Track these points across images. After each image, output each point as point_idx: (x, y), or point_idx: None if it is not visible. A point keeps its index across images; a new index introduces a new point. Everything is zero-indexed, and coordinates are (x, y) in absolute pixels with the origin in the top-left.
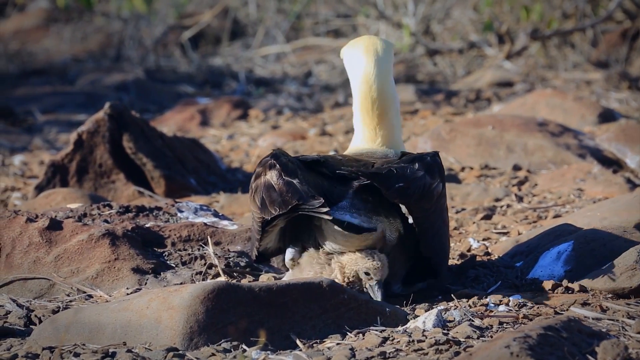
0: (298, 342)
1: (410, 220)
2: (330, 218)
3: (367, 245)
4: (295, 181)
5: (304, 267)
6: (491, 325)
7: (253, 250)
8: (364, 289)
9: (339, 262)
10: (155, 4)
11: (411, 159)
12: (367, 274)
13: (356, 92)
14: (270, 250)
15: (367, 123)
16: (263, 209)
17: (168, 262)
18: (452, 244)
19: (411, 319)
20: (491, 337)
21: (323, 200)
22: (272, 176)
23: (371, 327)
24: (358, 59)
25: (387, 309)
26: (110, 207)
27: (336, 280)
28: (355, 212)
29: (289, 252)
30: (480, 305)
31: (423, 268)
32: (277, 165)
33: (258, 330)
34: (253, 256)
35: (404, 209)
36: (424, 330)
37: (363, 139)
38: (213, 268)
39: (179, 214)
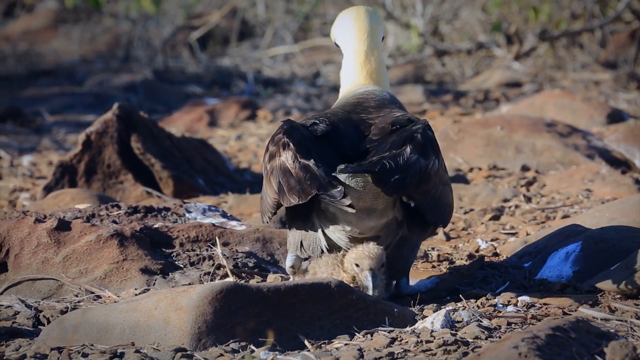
0: (306, 342)
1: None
2: (353, 211)
3: (374, 206)
4: (311, 164)
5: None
6: (499, 326)
7: (265, 217)
8: (358, 283)
9: (341, 259)
10: (163, 4)
11: (402, 140)
12: (357, 265)
13: (350, 50)
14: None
15: (359, 73)
16: (281, 194)
17: (176, 262)
18: (460, 245)
19: (419, 319)
20: (499, 337)
21: (343, 190)
22: (287, 158)
23: (379, 328)
24: (350, 21)
25: (396, 310)
26: (119, 207)
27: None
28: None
29: (290, 260)
30: (489, 306)
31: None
32: (291, 144)
33: (266, 331)
34: (265, 221)
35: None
36: (432, 331)
37: (354, 81)
38: (221, 268)
39: (187, 215)
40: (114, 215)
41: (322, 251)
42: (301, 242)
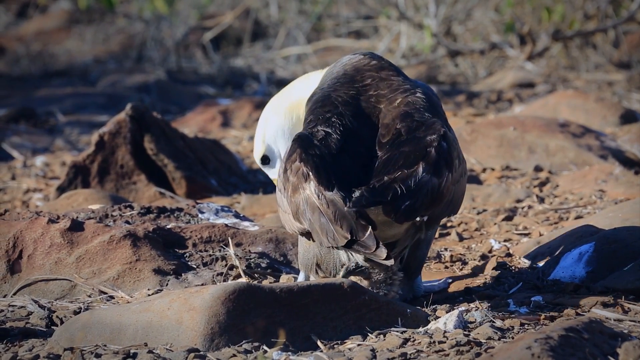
0: (319, 343)
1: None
2: (390, 264)
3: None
4: (335, 196)
5: None
6: (512, 327)
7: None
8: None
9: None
10: (176, 5)
11: (415, 157)
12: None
13: None
14: None
15: None
16: (314, 233)
17: (189, 263)
18: (473, 245)
19: (432, 320)
20: (512, 338)
21: (374, 236)
22: (312, 192)
23: (392, 328)
24: None
25: (408, 310)
26: (132, 208)
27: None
28: None
29: (301, 279)
30: (502, 307)
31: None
32: (311, 173)
33: (279, 331)
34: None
35: None
36: (445, 332)
37: None
38: (234, 269)
39: (200, 215)
40: (127, 216)
41: (343, 274)
42: (317, 263)
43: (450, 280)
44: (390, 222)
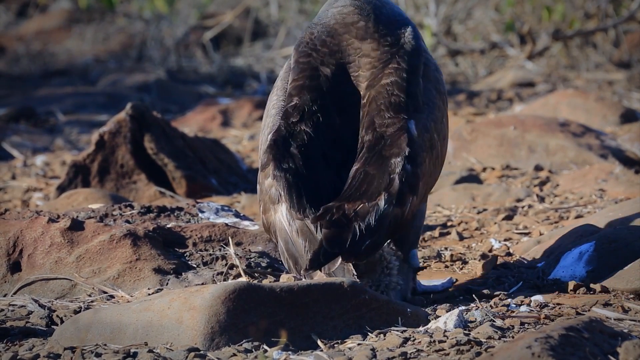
0: (319, 342)
1: None
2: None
3: None
4: (306, 223)
5: None
6: (513, 326)
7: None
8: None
9: None
10: (176, 4)
11: (378, 186)
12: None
13: None
14: None
15: None
16: (283, 259)
17: (189, 262)
18: (473, 244)
19: (432, 319)
20: (513, 337)
21: (348, 272)
22: (282, 216)
23: (392, 328)
24: None
25: (409, 310)
26: (132, 207)
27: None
28: None
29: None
30: (502, 306)
31: None
32: (282, 193)
33: (279, 331)
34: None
35: None
36: (445, 331)
37: None
38: (234, 268)
39: (200, 215)
40: (127, 215)
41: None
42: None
43: (454, 280)
44: None
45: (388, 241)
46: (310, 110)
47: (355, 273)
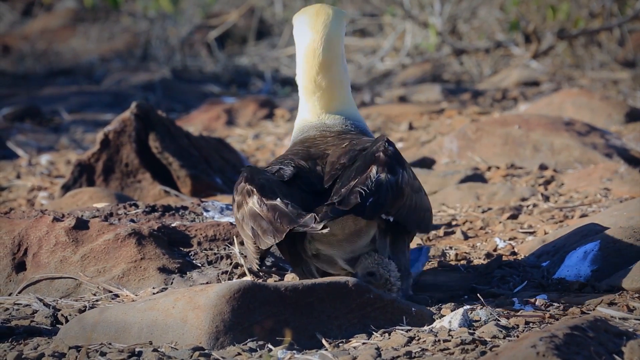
0: (324, 341)
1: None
2: (327, 230)
3: (359, 227)
4: (278, 202)
5: None
6: (517, 325)
7: (254, 264)
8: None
9: None
10: (181, 3)
11: (366, 163)
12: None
13: (301, 60)
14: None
15: (310, 92)
16: (257, 239)
17: (194, 261)
18: (478, 244)
19: (437, 318)
20: (517, 336)
21: (314, 215)
22: (254, 203)
23: (397, 327)
24: (305, 25)
25: (413, 309)
26: (137, 206)
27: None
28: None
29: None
30: (507, 305)
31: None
32: (255, 189)
33: (284, 330)
34: (255, 268)
35: None
36: (450, 330)
37: (310, 110)
38: (239, 267)
39: (205, 214)
40: (132, 214)
41: None
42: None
43: (428, 248)
44: (355, 233)
45: (395, 268)
46: (276, 161)
47: (321, 227)
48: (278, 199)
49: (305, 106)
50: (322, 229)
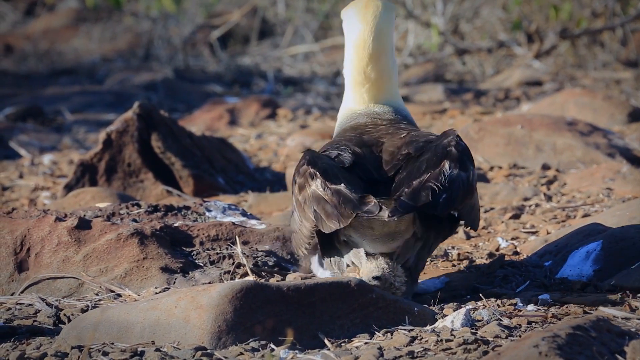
0: (326, 341)
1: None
2: (395, 218)
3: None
4: (342, 188)
5: None
6: (520, 325)
7: (301, 249)
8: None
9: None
10: (184, 3)
11: (438, 157)
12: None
13: (350, 52)
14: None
15: (359, 84)
16: (319, 222)
17: (196, 261)
18: (480, 243)
19: (439, 318)
20: (520, 336)
21: (378, 203)
22: (317, 186)
23: (399, 327)
24: (355, 18)
25: (416, 309)
26: (139, 206)
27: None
28: None
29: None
30: (509, 305)
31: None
32: (318, 173)
33: (286, 330)
34: (302, 253)
35: None
36: (452, 330)
37: (357, 101)
38: (241, 267)
39: (207, 213)
40: (134, 214)
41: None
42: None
43: (447, 280)
44: (391, 235)
45: (402, 271)
46: (332, 146)
47: (386, 215)
48: (342, 184)
49: (351, 97)
50: (389, 216)
